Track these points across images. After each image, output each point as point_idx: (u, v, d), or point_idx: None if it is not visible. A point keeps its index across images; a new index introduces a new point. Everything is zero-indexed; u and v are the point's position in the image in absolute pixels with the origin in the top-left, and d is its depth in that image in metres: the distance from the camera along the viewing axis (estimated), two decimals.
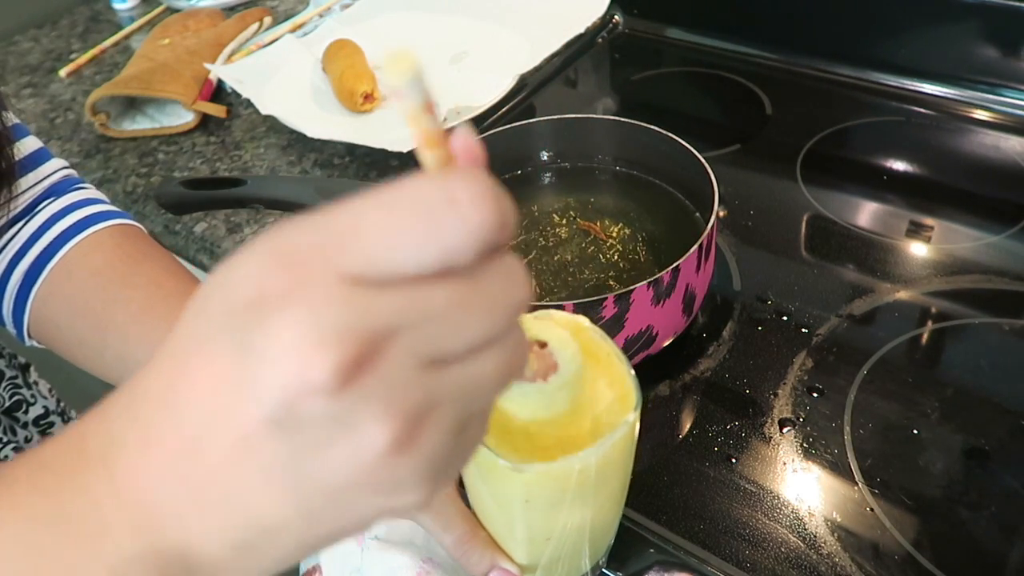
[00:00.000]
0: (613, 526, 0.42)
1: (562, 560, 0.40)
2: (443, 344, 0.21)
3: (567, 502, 0.35)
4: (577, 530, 0.37)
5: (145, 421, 0.23)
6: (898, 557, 0.46)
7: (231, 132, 0.90)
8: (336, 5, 1.07)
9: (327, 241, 0.20)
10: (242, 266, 0.21)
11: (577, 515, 0.36)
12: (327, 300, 0.19)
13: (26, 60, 1.11)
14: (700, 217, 0.62)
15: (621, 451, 0.34)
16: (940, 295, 0.62)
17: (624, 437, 0.33)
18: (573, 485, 0.33)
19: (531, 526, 0.37)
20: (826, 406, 0.54)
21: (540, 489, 0.34)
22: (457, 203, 0.20)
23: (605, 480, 0.35)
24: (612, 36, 0.99)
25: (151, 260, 0.53)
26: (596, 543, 0.41)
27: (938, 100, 0.82)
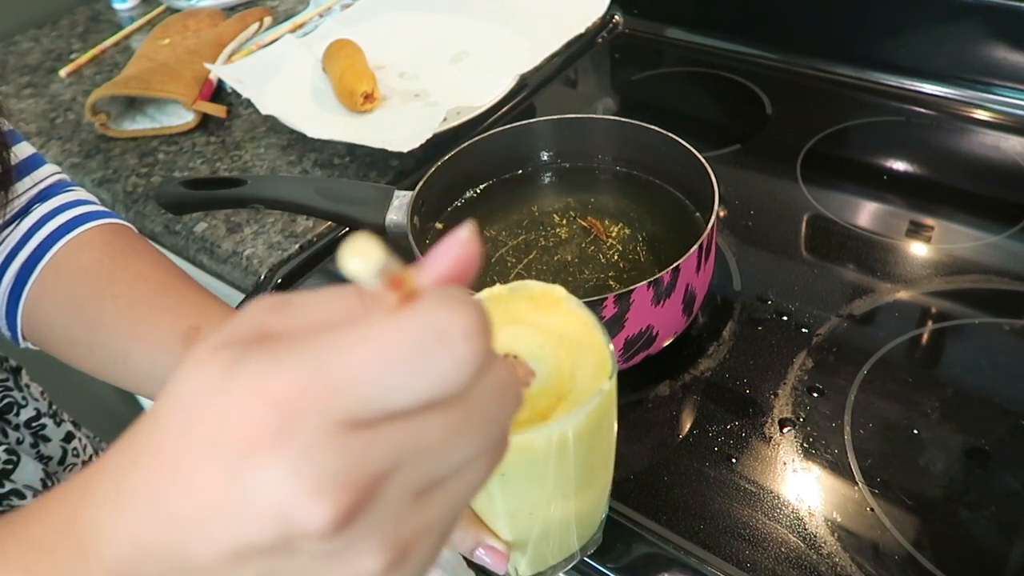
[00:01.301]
0: (601, 503, 0.42)
1: (550, 538, 0.40)
2: (438, 471, 0.21)
3: (546, 475, 0.34)
4: (561, 505, 0.37)
5: (134, 519, 0.22)
6: (898, 557, 0.46)
7: (231, 132, 0.90)
8: (336, 5, 1.07)
9: (317, 383, 0.20)
10: (231, 403, 0.20)
11: (559, 489, 0.36)
12: (322, 447, 0.19)
13: (26, 60, 1.11)
14: (700, 217, 0.62)
15: (597, 421, 0.34)
16: (940, 295, 0.62)
17: (599, 407, 0.33)
18: (550, 457, 0.33)
19: (512, 500, 0.36)
20: (826, 406, 0.54)
21: (515, 461, 0.33)
22: (446, 338, 0.20)
23: (584, 452, 0.34)
24: (612, 36, 0.99)
25: (138, 255, 0.53)
26: (584, 521, 0.41)
27: (938, 100, 0.82)
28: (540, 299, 0.36)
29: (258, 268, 0.72)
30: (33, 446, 0.63)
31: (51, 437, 0.65)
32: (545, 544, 0.40)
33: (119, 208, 0.84)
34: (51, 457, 0.64)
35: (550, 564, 0.42)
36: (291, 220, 0.76)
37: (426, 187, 0.61)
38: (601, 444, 0.36)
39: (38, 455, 0.63)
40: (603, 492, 0.41)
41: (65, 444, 0.66)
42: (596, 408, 0.33)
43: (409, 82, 0.89)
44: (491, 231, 0.65)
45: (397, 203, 0.60)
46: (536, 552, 0.41)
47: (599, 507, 0.42)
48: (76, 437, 0.67)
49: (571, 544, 0.42)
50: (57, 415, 0.67)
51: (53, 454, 0.64)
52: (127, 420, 0.25)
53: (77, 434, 0.68)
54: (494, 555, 0.38)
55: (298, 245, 0.73)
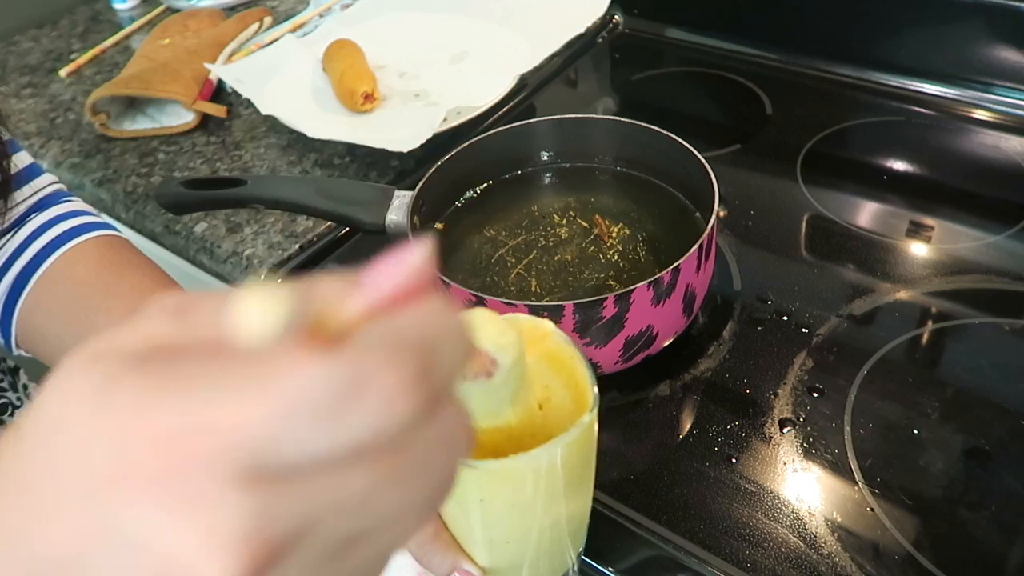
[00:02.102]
0: (578, 536, 0.42)
1: (526, 566, 0.40)
2: (365, 525, 0.18)
3: (524, 504, 0.34)
4: (538, 535, 0.37)
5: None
6: (898, 557, 0.46)
7: (231, 132, 0.90)
8: (336, 5, 1.07)
9: (202, 430, 0.16)
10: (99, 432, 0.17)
11: (536, 520, 0.36)
12: (214, 501, 0.16)
13: (26, 60, 1.11)
14: (700, 217, 0.62)
15: (577, 454, 0.34)
16: (940, 295, 0.62)
17: (579, 440, 0.33)
18: (528, 485, 0.33)
19: (490, 527, 0.37)
20: (826, 406, 0.54)
21: (494, 488, 0.34)
22: (367, 393, 0.17)
23: (563, 484, 0.35)
24: (612, 36, 0.99)
25: (134, 268, 0.53)
26: (559, 551, 0.41)
27: (938, 100, 0.82)
28: (529, 331, 0.36)
29: (258, 268, 0.72)
30: None
31: None
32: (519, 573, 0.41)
33: (119, 208, 0.84)
34: None
35: None
36: (291, 220, 0.76)
37: (426, 187, 0.61)
38: (580, 478, 0.37)
39: None
40: (580, 525, 0.41)
41: None
42: (576, 440, 0.33)
43: (409, 82, 0.89)
44: (491, 231, 0.65)
45: (397, 203, 0.60)
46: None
47: (576, 540, 0.42)
48: None
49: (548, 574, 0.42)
50: None
51: None
52: None
53: None
54: None
55: (298, 245, 0.73)
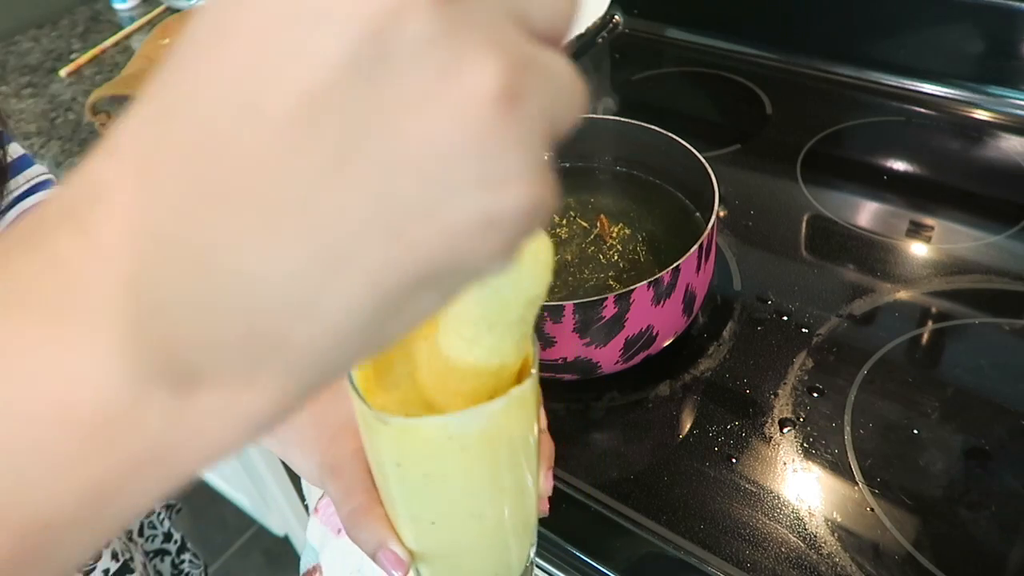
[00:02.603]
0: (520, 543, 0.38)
1: (457, 561, 0.37)
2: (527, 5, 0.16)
3: (443, 477, 0.32)
4: (468, 525, 0.34)
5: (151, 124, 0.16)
6: (898, 557, 0.46)
7: None
8: None
9: None
10: None
11: (462, 501, 0.33)
12: None
13: (26, 60, 1.11)
14: (700, 217, 0.62)
15: (507, 430, 0.31)
16: (940, 295, 0.62)
17: (506, 413, 0.30)
18: (447, 455, 0.30)
19: (410, 501, 0.34)
20: (826, 406, 0.54)
21: (409, 451, 0.31)
22: None
23: (491, 461, 0.31)
24: (612, 36, 0.99)
25: None
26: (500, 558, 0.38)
27: (938, 100, 0.82)
28: None
29: None
30: None
31: None
32: (453, 570, 0.38)
33: None
34: None
35: None
36: None
37: None
38: (513, 459, 0.33)
39: None
40: (523, 526, 0.37)
41: None
42: (503, 412, 0.30)
43: None
44: None
45: None
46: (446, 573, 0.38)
47: (519, 545, 0.38)
48: None
49: None
50: None
51: None
52: None
53: None
54: (394, 561, 0.36)
55: None
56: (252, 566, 1.51)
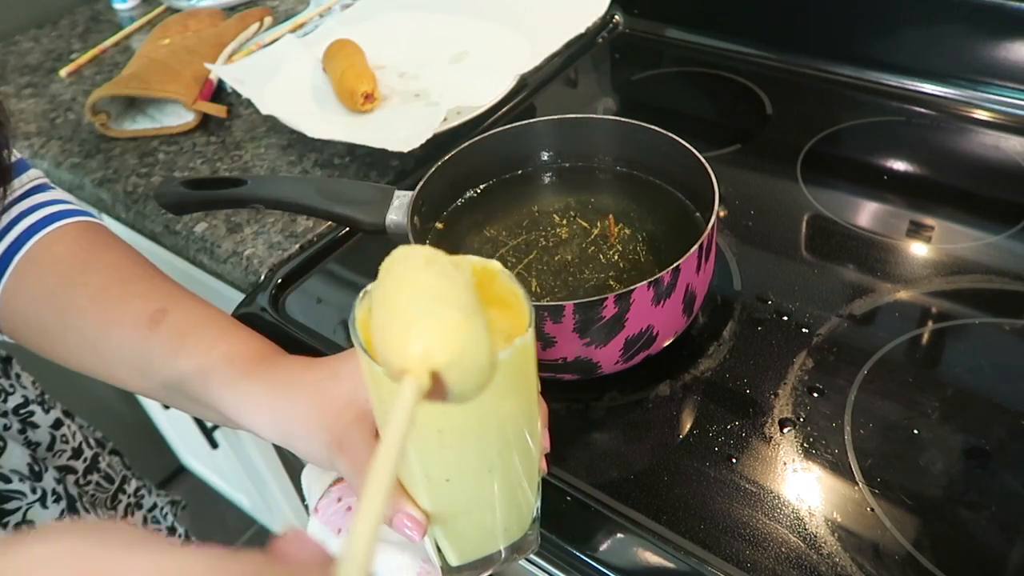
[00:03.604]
0: (528, 493, 0.40)
1: (473, 520, 0.39)
2: None
3: (455, 432, 0.34)
4: (480, 478, 0.36)
5: None
6: (898, 557, 0.46)
7: (231, 132, 0.90)
8: (336, 5, 1.07)
9: None
10: None
11: (475, 455, 0.35)
12: None
13: (26, 60, 1.11)
14: (700, 217, 0.62)
15: (511, 380, 0.33)
16: (940, 295, 0.62)
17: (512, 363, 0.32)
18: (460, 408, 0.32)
19: (425, 460, 0.35)
20: (826, 406, 0.54)
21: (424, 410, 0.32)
22: None
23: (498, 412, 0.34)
24: (612, 36, 0.99)
25: (110, 248, 0.54)
26: (511, 510, 0.40)
27: (938, 100, 0.82)
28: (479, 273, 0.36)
29: (258, 268, 0.72)
30: (21, 432, 0.64)
31: (39, 424, 0.66)
32: (468, 527, 0.39)
33: (119, 208, 0.84)
34: (39, 443, 0.65)
35: (478, 556, 0.41)
36: (291, 220, 0.76)
37: (426, 187, 0.61)
38: (519, 409, 0.36)
39: (25, 441, 0.64)
40: (529, 478, 0.40)
41: (54, 431, 0.67)
42: (508, 361, 0.32)
43: (409, 82, 0.89)
44: (491, 231, 0.65)
45: (397, 203, 0.60)
46: (460, 536, 0.40)
47: (526, 498, 0.40)
48: (65, 424, 0.68)
49: (497, 536, 0.41)
50: (46, 403, 0.68)
51: (41, 440, 0.65)
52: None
53: (66, 421, 0.69)
54: (412, 523, 0.38)
55: (298, 245, 0.74)
56: None
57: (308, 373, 0.44)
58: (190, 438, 1.34)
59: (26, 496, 0.59)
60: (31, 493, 0.59)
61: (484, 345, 0.29)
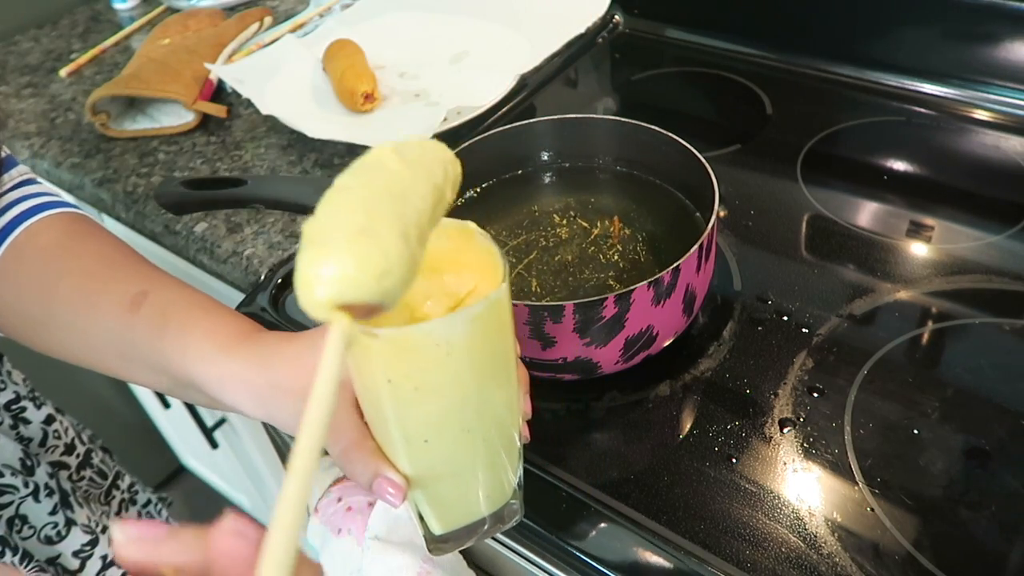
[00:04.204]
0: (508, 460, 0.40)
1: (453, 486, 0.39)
2: None
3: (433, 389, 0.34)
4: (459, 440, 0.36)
5: None
6: (898, 557, 0.46)
7: (231, 132, 0.90)
8: (336, 5, 1.07)
9: None
10: None
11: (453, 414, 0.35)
12: None
13: (26, 60, 1.11)
14: (700, 217, 0.62)
15: (487, 335, 0.33)
16: (940, 295, 0.62)
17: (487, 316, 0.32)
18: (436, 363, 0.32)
19: (403, 420, 0.35)
20: (826, 406, 0.54)
21: (399, 364, 0.32)
22: None
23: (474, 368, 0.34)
24: (612, 36, 0.99)
25: (94, 237, 0.54)
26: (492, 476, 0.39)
27: (938, 100, 0.82)
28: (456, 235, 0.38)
29: (258, 268, 0.72)
30: (12, 427, 0.64)
31: (31, 420, 0.66)
32: (449, 492, 0.39)
33: (119, 208, 0.84)
34: (31, 439, 0.65)
35: (460, 524, 0.41)
36: (291, 220, 0.76)
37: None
38: (495, 368, 0.36)
39: (17, 436, 0.64)
40: (508, 443, 0.39)
41: (46, 426, 0.67)
42: (484, 316, 0.32)
43: (409, 82, 0.89)
44: (491, 231, 0.65)
45: None
46: (441, 503, 0.39)
47: (507, 463, 0.40)
48: (57, 420, 0.69)
49: (479, 503, 0.40)
50: (37, 399, 0.68)
51: (33, 436, 0.66)
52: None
53: (59, 417, 0.69)
54: (392, 487, 0.37)
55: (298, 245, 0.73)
56: None
57: (287, 346, 0.44)
58: (190, 438, 1.34)
59: (19, 490, 0.59)
60: (23, 487, 0.60)
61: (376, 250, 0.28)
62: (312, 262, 0.28)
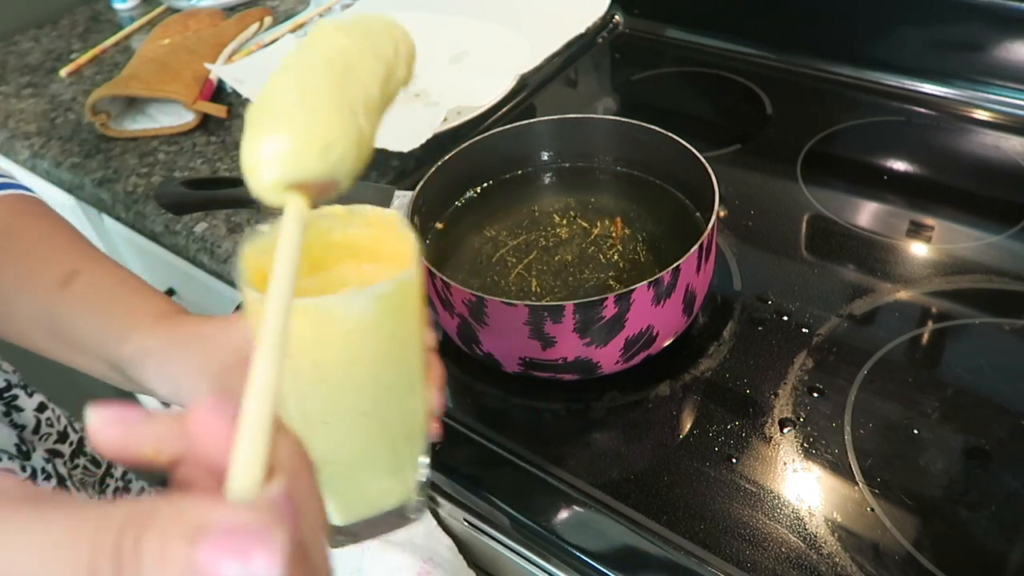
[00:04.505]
0: (412, 450, 0.38)
1: (354, 473, 0.37)
2: None
3: (333, 365, 0.33)
4: (354, 419, 0.35)
5: None
6: (898, 557, 0.46)
7: (231, 132, 0.90)
8: (337, 5, 1.07)
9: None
10: None
11: (350, 395, 0.34)
12: None
13: (26, 60, 1.11)
14: (700, 217, 0.62)
15: (393, 317, 0.32)
16: (940, 295, 0.62)
17: (393, 298, 0.31)
18: (334, 339, 0.31)
19: (301, 396, 0.34)
20: (826, 406, 0.54)
21: (297, 336, 0.31)
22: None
23: (377, 350, 0.33)
24: (612, 36, 0.99)
25: (41, 218, 0.54)
26: (394, 466, 0.38)
27: (938, 100, 0.82)
28: (377, 221, 0.36)
29: None
30: (6, 415, 0.64)
31: (24, 407, 0.66)
32: (347, 481, 0.38)
33: (119, 208, 0.84)
34: (24, 426, 0.66)
35: (359, 516, 0.39)
36: None
37: (426, 187, 0.61)
38: (397, 354, 0.34)
39: (11, 423, 0.64)
40: (409, 434, 0.38)
41: (39, 414, 0.67)
42: (387, 295, 0.31)
43: None
44: (491, 231, 0.65)
45: (397, 203, 0.60)
46: (338, 492, 0.38)
47: (408, 458, 0.39)
48: (49, 408, 0.69)
49: (377, 496, 0.39)
50: (28, 388, 0.68)
51: (27, 423, 0.66)
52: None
53: (50, 406, 0.69)
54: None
55: None
56: None
57: (202, 326, 0.43)
58: None
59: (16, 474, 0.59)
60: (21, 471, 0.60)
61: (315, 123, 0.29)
62: (251, 144, 0.28)
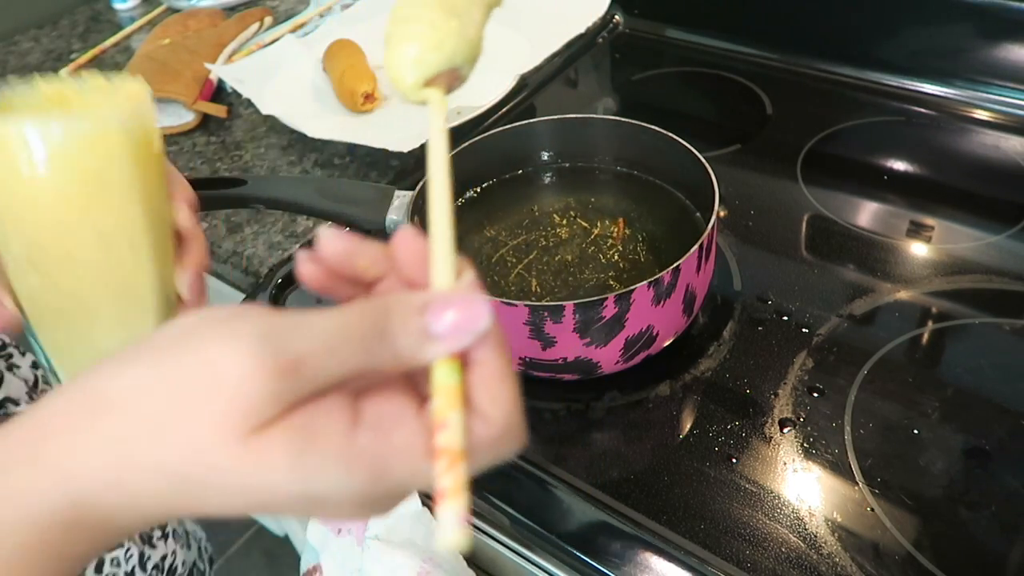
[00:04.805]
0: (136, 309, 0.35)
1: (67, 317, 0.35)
2: None
3: (28, 197, 0.30)
4: (60, 263, 0.33)
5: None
6: (898, 557, 0.46)
7: (231, 132, 0.90)
8: (337, 5, 1.07)
9: None
10: None
11: (50, 234, 0.32)
12: None
13: (26, 60, 1.11)
14: (700, 217, 0.62)
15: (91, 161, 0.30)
16: (940, 295, 0.62)
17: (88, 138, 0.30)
18: (23, 165, 0.29)
19: (4, 235, 0.32)
20: (826, 406, 0.54)
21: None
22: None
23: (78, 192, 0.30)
24: (612, 36, 0.99)
25: None
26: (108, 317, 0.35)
27: (938, 100, 0.82)
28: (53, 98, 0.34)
29: (258, 268, 0.72)
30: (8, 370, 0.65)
31: (20, 364, 0.67)
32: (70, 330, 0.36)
33: None
34: (26, 380, 0.66)
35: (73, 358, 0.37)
36: (291, 220, 0.76)
37: (426, 187, 0.61)
38: (108, 198, 0.32)
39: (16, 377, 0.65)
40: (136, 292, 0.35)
41: (34, 370, 0.68)
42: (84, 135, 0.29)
43: None
44: (491, 231, 0.65)
45: (397, 203, 0.60)
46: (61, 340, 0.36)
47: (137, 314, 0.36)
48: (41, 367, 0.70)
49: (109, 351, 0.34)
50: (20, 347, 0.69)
51: (27, 378, 0.66)
52: None
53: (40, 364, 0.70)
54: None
55: (298, 245, 0.73)
56: (252, 566, 1.51)
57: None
58: None
59: None
60: None
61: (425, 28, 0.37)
62: (392, 56, 0.37)
